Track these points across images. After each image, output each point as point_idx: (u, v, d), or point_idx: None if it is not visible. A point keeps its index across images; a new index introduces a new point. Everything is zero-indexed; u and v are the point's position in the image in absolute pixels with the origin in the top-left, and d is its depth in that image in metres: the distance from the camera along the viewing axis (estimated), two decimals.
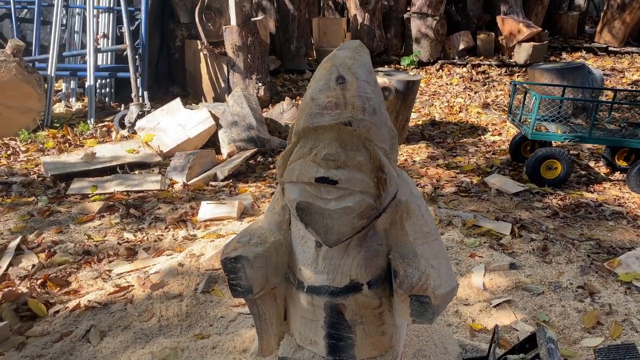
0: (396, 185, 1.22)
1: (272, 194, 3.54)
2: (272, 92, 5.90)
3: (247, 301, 1.44)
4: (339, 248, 1.25)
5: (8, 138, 4.53)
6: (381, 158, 1.17)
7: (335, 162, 1.13)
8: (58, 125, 4.81)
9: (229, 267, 1.31)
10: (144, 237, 2.93)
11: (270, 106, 5.61)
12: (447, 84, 7.14)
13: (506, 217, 3.14)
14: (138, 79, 5.05)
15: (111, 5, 5.48)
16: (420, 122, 5.62)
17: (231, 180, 3.78)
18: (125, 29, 4.95)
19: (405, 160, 4.40)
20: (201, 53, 5.77)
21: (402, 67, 7.85)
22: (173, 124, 4.44)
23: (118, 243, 2.84)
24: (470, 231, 2.96)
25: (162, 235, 2.95)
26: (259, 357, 1.53)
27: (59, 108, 5.34)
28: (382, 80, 4.63)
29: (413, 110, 6.01)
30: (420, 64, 7.87)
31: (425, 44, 7.87)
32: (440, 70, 7.70)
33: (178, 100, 4.71)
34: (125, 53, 4.99)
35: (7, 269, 2.55)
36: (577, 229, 3.09)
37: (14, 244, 2.79)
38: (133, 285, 2.41)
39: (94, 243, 2.83)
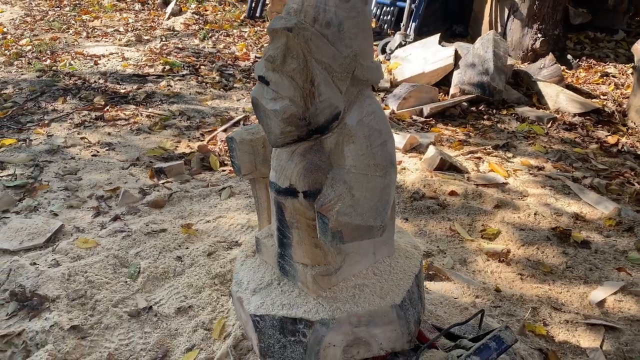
0: (332, 105, 1.23)
1: (460, 141, 3.42)
2: (555, 47, 5.26)
3: (249, 182, 1.68)
4: (286, 152, 1.35)
5: None
6: (314, 70, 1.20)
7: (272, 64, 1.23)
8: None
9: (228, 145, 1.57)
10: None
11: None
12: None
13: None
14: (413, 11, 5.26)
15: None
16: None
17: (433, 119, 3.76)
18: None
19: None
20: None
21: None
22: (419, 57, 4.56)
23: None
24: None
25: None
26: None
27: None
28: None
29: None
30: None
31: None
32: None
33: (437, 36, 4.75)
34: None
35: (218, 131, 3.34)
36: None
37: (237, 118, 3.57)
38: None
39: None
